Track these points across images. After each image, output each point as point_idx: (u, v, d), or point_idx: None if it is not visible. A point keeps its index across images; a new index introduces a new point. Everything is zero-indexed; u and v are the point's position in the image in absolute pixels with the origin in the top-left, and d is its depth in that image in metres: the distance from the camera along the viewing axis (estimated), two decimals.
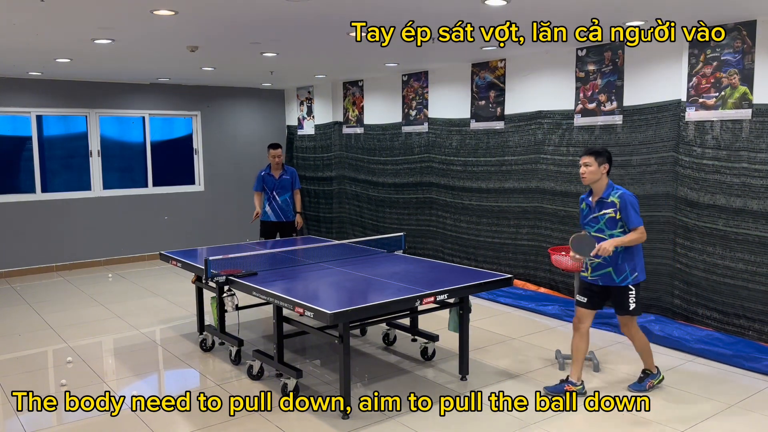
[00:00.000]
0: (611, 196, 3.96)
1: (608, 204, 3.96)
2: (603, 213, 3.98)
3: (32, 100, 8.35)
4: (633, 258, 4.00)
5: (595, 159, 3.96)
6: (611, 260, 3.98)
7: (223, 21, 4.74)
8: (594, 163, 3.96)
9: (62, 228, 8.67)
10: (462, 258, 7.52)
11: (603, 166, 3.97)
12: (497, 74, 6.93)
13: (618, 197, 3.94)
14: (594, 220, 4.04)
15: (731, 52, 4.91)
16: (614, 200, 3.95)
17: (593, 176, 3.98)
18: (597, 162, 3.96)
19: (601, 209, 3.99)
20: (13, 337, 5.73)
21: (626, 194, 3.95)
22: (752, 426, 3.80)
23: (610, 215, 3.96)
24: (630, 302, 4.02)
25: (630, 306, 4.03)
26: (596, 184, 4.01)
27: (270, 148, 6.85)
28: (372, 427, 3.82)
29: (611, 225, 3.97)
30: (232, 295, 4.59)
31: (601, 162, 3.97)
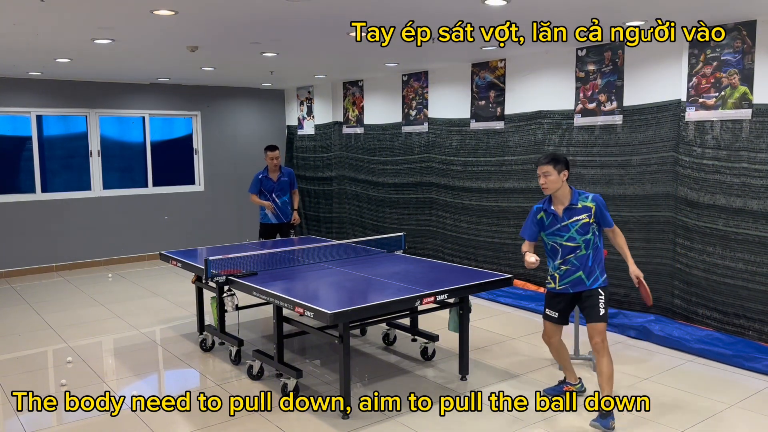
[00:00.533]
0: (581, 201, 3.81)
1: (580, 210, 3.79)
2: (576, 220, 3.79)
3: (32, 100, 8.35)
4: (601, 259, 3.87)
5: (553, 167, 3.77)
6: (582, 264, 3.81)
7: (223, 21, 4.74)
8: (553, 171, 3.77)
9: (62, 228, 8.67)
10: (462, 258, 7.52)
11: (563, 173, 3.78)
12: (497, 74, 6.93)
13: (592, 201, 3.80)
14: (563, 228, 3.82)
15: (731, 52, 4.91)
16: (588, 205, 3.80)
17: (555, 185, 3.78)
18: (556, 170, 3.77)
19: (572, 216, 3.80)
20: (13, 337, 5.73)
21: (598, 197, 3.84)
22: (752, 426, 3.80)
23: (584, 221, 3.78)
24: (600, 306, 3.79)
25: (601, 310, 3.78)
26: (559, 192, 3.81)
27: (267, 150, 6.79)
28: (372, 427, 3.82)
29: (584, 230, 3.79)
30: (232, 295, 4.59)
31: (560, 169, 3.78)
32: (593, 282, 3.83)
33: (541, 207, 3.93)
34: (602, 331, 3.78)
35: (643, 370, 4.69)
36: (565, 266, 3.85)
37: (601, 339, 3.77)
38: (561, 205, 3.84)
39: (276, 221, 6.85)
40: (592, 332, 3.79)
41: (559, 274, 3.89)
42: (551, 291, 3.97)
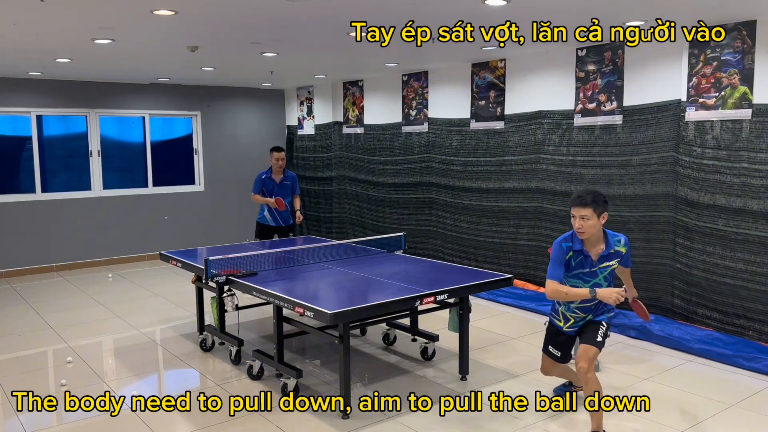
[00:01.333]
0: (615, 246, 3.47)
1: (612, 255, 3.47)
2: (606, 266, 3.50)
3: (32, 100, 8.35)
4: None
5: (593, 210, 3.34)
6: (595, 307, 3.63)
7: (223, 21, 4.74)
8: (593, 215, 3.34)
9: (62, 228, 8.67)
10: (462, 258, 7.52)
11: (603, 216, 3.38)
12: (497, 74, 6.93)
13: (624, 245, 3.51)
14: (590, 274, 3.50)
15: (731, 52, 4.91)
16: (620, 250, 3.49)
17: (593, 230, 3.37)
18: (596, 213, 3.35)
19: (604, 262, 3.48)
20: (13, 337, 5.73)
21: (627, 239, 3.56)
22: (752, 426, 3.80)
23: (613, 267, 3.51)
24: (599, 333, 3.54)
25: (597, 337, 3.53)
26: (598, 233, 3.44)
27: (274, 150, 6.68)
28: (372, 427, 3.82)
29: (611, 276, 3.54)
30: (232, 295, 4.59)
31: (601, 212, 3.36)
32: (598, 315, 3.65)
33: (569, 245, 3.48)
34: (591, 358, 3.47)
35: (643, 370, 4.69)
36: (581, 313, 3.65)
37: (587, 366, 3.43)
38: (594, 249, 3.46)
39: (274, 224, 6.77)
40: (582, 354, 3.51)
41: (572, 317, 3.68)
42: (557, 329, 3.79)
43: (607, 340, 3.68)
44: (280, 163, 6.67)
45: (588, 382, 3.45)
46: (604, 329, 3.61)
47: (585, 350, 3.53)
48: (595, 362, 3.55)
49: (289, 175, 6.80)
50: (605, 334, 3.62)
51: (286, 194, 6.73)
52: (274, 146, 6.85)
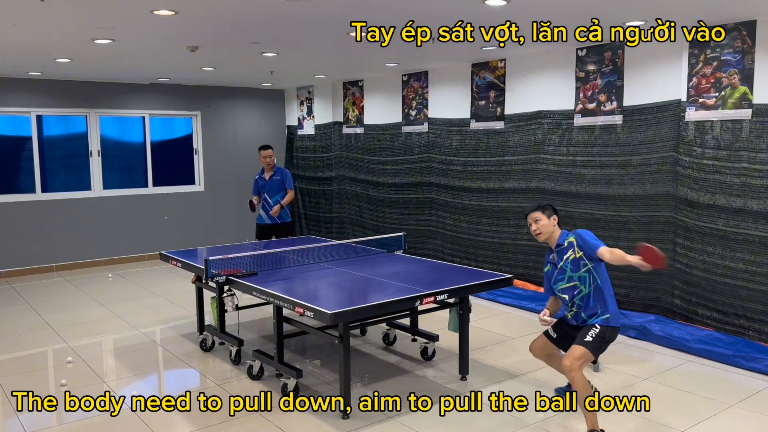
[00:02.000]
0: (566, 238, 3.78)
1: (566, 248, 3.76)
2: (566, 258, 3.75)
3: (32, 100, 8.35)
4: (604, 298, 3.72)
5: (542, 212, 3.81)
6: (584, 304, 3.73)
7: (223, 21, 4.74)
8: (543, 216, 3.80)
9: (62, 228, 8.67)
10: (462, 258, 7.52)
11: (553, 218, 3.81)
12: (497, 74, 6.93)
13: (573, 235, 3.77)
14: (560, 272, 3.78)
15: (731, 52, 4.91)
16: (570, 240, 3.76)
17: (547, 229, 3.79)
18: (545, 215, 3.80)
19: (562, 256, 3.77)
20: (13, 337, 5.73)
21: (579, 231, 3.78)
22: (752, 426, 3.80)
23: (571, 257, 3.73)
24: (588, 334, 3.64)
25: (587, 337, 3.63)
26: (551, 236, 3.81)
27: (260, 149, 6.80)
28: (372, 427, 3.82)
29: (575, 266, 3.72)
30: (232, 295, 4.59)
31: (550, 214, 3.81)
32: (591, 318, 3.72)
33: (548, 259, 3.93)
34: (576, 356, 3.58)
35: (643, 370, 4.69)
36: (574, 309, 3.81)
37: (569, 363, 3.57)
38: (553, 250, 3.85)
39: (270, 221, 6.82)
40: (568, 353, 3.68)
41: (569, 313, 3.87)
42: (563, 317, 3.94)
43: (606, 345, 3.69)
44: (268, 160, 6.74)
45: (573, 381, 3.58)
46: (596, 331, 3.66)
47: (571, 349, 3.67)
48: (581, 362, 3.58)
49: (280, 171, 6.85)
50: (597, 336, 3.64)
51: (278, 190, 6.79)
52: (261, 145, 6.92)
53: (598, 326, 3.68)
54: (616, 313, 3.75)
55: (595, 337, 3.63)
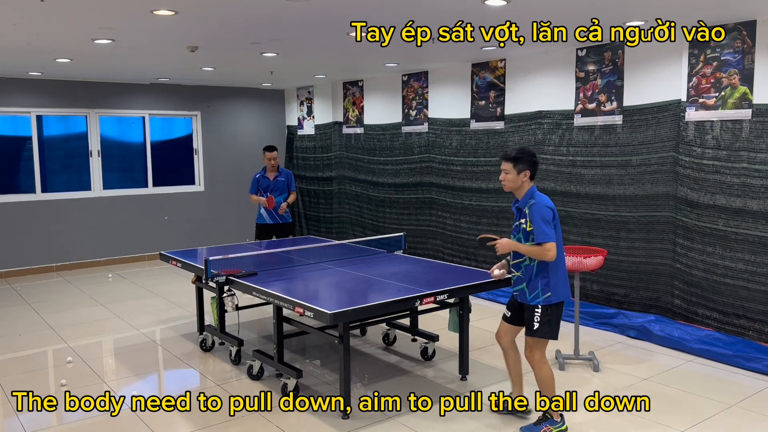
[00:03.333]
0: (527, 204, 3.60)
1: (523, 213, 3.62)
2: (519, 223, 3.65)
3: (32, 100, 8.35)
4: (548, 275, 3.58)
5: (513, 165, 3.59)
6: (526, 275, 3.64)
7: (223, 21, 4.74)
8: (512, 170, 3.59)
9: (62, 228, 8.67)
10: (462, 258, 7.52)
11: (523, 173, 3.59)
12: (497, 74, 6.93)
13: (529, 207, 3.57)
14: (515, 229, 3.70)
15: (731, 52, 4.91)
16: (526, 210, 3.59)
17: (513, 184, 3.62)
18: (516, 169, 3.59)
19: (519, 219, 3.66)
20: (13, 337, 5.73)
21: (538, 204, 3.55)
22: (752, 426, 3.80)
23: (523, 226, 3.61)
24: (534, 321, 3.61)
25: (534, 325, 3.61)
26: (518, 191, 3.65)
27: (265, 150, 6.75)
28: (372, 427, 3.82)
29: (525, 236, 3.61)
30: (232, 295, 4.59)
31: (521, 169, 3.58)
32: (534, 298, 3.62)
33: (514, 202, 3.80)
34: (531, 345, 3.67)
35: (643, 370, 4.69)
36: (516, 272, 3.72)
37: (529, 352, 3.68)
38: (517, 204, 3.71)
39: (271, 221, 6.81)
40: (525, 343, 3.74)
41: (513, 278, 3.77)
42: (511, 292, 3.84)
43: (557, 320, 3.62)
44: (273, 162, 6.71)
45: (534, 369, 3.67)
46: (539, 314, 3.60)
47: (528, 342, 3.72)
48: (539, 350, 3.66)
49: (284, 172, 6.84)
50: (541, 319, 3.60)
51: (282, 191, 6.76)
52: (266, 146, 6.88)
53: (539, 307, 3.61)
54: (560, 287, 3.60)
55: (541, 322, 3.60)
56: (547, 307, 3.60)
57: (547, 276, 3.59)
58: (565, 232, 6.30)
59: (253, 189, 6.85)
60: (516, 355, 3.90)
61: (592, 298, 6.09)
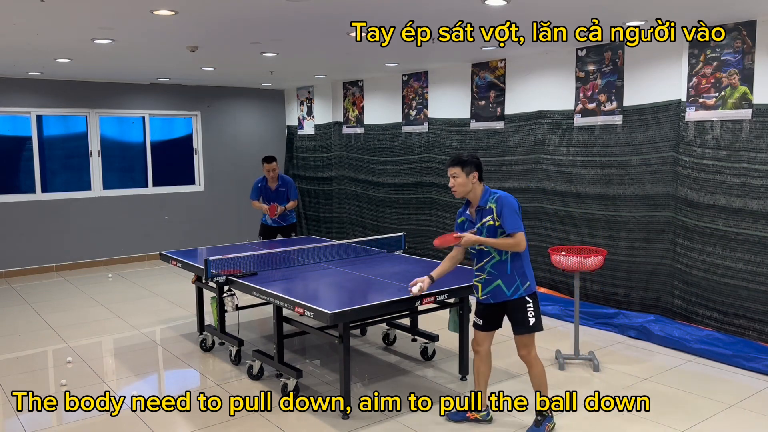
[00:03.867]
0: (489, 201, 3.57)
1: (486, 211, 3.57)
2: (483, 222, 3.58)
3: (32, 100, 8.35)
4: (522, 266, 3.58)
5: (461, 169, 3.58)
6: (499, 272, 3.58)
7: (223, 21, 4.74)
8: (461, 173, 3.58)
9: (62, 228, 8.67)
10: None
11: (472, 175, 3.58)
12: (497, 74, 6.93)
13: (495, 201, 3.56)
14: (479, 231, 3.61)
15: (731, 52, 4.91)
16: (491, 205, 3.56)
17: (463, 188, 3.61)
18: (464, 172, 3.57)
19: (482, 218, 3.59)
20: (13, 337, 5.73)
21: (504, 196, 3.57)
22: (752, 426, 3.80)
23: (488, 223, 3.55)
24: (529, 316, 3.57)
25: (530, 321, 3.57)
26: (471, 194, 3.63)
27: (264, 161, 6.66)
28: (372, 427, 3.82)
29: (491, 233, 3.55)
30: (232, 295, 4.59)
31: (469, 171, 3.57)
32: (514, 292, 3.58)
33: (461, 211, 3.78)
34: (528, 343, 3.62)
35: (643, 370, 4.69)
36: (481, 274, 3.65)
37: (527, 351, 3.63)
38: (474, 207, 3.66)
39: (275, 225, 6.81)
40: (519, 344, 3.65)
41: (479, 283, 3.68)
42: (478, 300, 3.74)
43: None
44: (272, 173, 6.65)
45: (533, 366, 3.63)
46: (532, 308, 3.57)
47: (519, 340, 3.64)
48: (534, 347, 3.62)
49: (285, 182, 6.77)
50: (535, 313, 3.58)
51: (283, 200, 6.74)
52: (264, 157, 6.78)
53: (528, 299, 3.58)
54: (532, 276, 3.63)
55: (535, 315, 3.58)
56: (533, 296, 3.59)
57: (522, 267, 3.58)
58: (564, 232, 6.30)
59: (255, 195, 6.79)
60: (490, 360, 3.83)
61: (592, 298, 6.09)
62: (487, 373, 3.82)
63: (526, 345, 3.63)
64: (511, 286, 3.58)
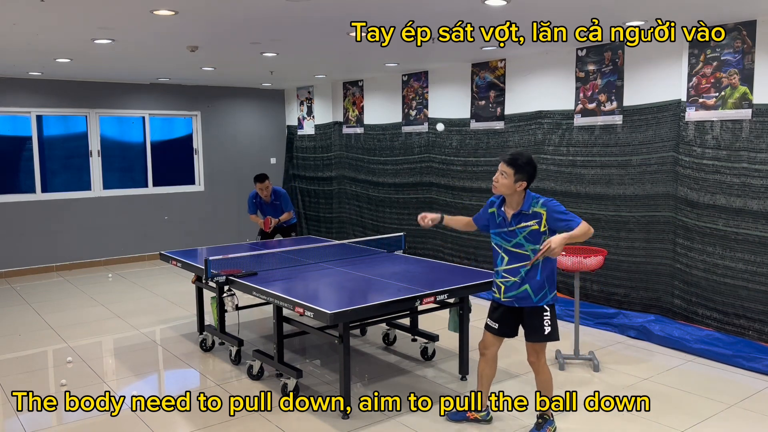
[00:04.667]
0: (533, 207, 3.41)
1: (530, 216, 3.41)
2: (524, 226, 3.42)
3: (32, 100, 8.35)
4: (552, 275, 3.49)
5: (514, 172, 3.38)
6: (530, 277, 3.45)
7: (223, 21, 4.74)
8: (511, 176, 3.39)
9: (62, 228, 8.67)
10: (462, 258, 7.51)
11: (520, 183, 3.40)
12: (497, 74, 6.93)
13: (542, 206, 3.40)
14: (510, 234, 3.47)
15: (731, 52, 4.91)
16: (538, 210, 3.39)
17: (507, 189, 3.43)
18: (515, 176, 3.39)
19: (521, 221, 3.43)
20: (13, 337, 5.73)
21: (551, 202, 3.43)
22: (752, 426, 3.80)
23: (532, 227, 3.41)
24: (545, 325, 3.48)
25: (545, 329, 3.48)
26: (510, 197, 3.47)
27: (256, 181, 6.68)
28: (372, 427, 3.82)
29: (534, 239, 3.41)
30: (232, 295, 4.59)
31: (519, 178, 3.39)
32: (541, 298, 3.48)
33: (494, 201, 3.60)
34: (539, 351, 3.56)
35: (643, 370, 4.69)
36: (511, 277, 3.49)
37: (536, 358, 3.56)
38: (511, 210, 3.48)
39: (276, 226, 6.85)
40: (529, 350, 3.58)
41: (504, 284, 3.53)
42: (495, 301, 3.63)
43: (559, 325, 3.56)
44: (265, 192, 6.69)
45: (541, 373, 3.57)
46: (548, 316, 3.49)
47: (531, 346, 3.57)
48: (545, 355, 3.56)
49: (279, 194, 6.81)
50: (552, 322, 3.50)
51: (278, 213, 6.80)
52: (255, 175, 6.75)
53: (547, 308, 3.49)
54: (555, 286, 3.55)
55: (552, 325, 3.50)
56: (552, 307, 3.51)
57: (552, 275, 3.49)
58: None
59: (252, 209, 6.85)
60: (495, 364, 3.76)
61: (592, 298, 6.09)
62: (491, 376, 3.79)
63: (536, 352, 3.57)
64: (539, 293, 3.47)
